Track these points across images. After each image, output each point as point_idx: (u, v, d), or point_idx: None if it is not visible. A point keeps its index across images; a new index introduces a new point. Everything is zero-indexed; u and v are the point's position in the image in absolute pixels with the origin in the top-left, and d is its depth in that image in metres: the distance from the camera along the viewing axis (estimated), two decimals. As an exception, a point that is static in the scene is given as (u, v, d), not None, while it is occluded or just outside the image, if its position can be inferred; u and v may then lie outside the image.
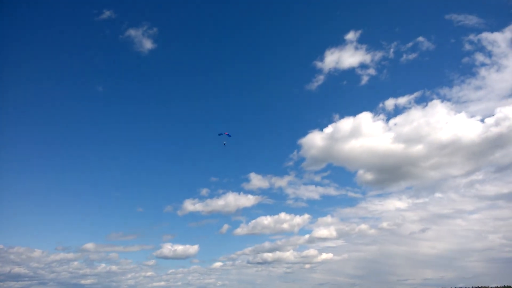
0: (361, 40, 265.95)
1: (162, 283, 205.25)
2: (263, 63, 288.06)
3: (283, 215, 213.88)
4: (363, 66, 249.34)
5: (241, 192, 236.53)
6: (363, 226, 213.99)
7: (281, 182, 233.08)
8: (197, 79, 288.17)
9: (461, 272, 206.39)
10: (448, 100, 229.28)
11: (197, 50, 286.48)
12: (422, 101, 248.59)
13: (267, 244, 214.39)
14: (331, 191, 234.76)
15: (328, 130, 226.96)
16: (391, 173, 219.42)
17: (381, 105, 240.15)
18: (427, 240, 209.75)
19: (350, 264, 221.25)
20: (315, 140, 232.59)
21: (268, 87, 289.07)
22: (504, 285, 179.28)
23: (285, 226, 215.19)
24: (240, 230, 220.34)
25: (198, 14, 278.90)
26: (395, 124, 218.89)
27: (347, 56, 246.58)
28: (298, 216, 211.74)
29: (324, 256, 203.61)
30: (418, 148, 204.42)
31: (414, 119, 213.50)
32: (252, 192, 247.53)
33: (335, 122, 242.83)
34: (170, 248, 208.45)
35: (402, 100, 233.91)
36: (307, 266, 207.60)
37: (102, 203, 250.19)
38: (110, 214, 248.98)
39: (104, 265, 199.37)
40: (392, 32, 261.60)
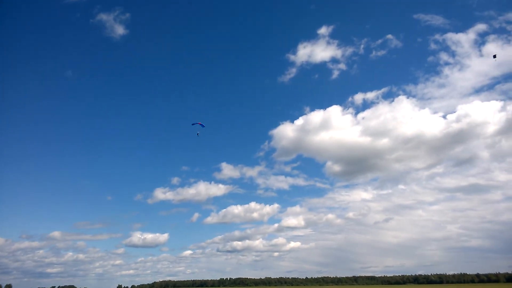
0: (333, 35, 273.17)
1: (131, 271, 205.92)
2: (236, 54, 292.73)
3: (253, 205, 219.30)
4: (334, 60, 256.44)
5: (212, 182, 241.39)
6: (330, 216, 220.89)
7: (252, 172, 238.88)
8: (169, 68, 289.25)
9: (421, 260, 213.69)
10: (413, 96, 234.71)
11: (169, 39, 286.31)
12: (389, 96, 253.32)
13: (237, 233, 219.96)
14: (300, 181, 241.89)
15: (299, 122, 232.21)
16: (358, 165, 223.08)
17: (350, 99, 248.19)
18: (390, 229, 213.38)
19: (317, 252, 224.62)
20: (286, 131, 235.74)
21: (241, 79, 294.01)
22: (460, 272, 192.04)
23: (255, 215, 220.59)
24: (211, 219, 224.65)
25: (172, 3, 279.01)
26: (363, 118, 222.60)
27: (319, 51, 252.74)
28: (268, 205, 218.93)
29: (292, 244, 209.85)
30: (384, 141, 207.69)
31: (381, 114, 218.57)
32: (223, 181, 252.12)
33: (305, 114, 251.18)
34: (139, 236, 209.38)
35: (371, 95, 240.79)
36: (276, 254, 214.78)
37: (70, 190, 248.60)
38: (78, 202, 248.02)
39: (71, 253, 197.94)
40: (363, 28, 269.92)
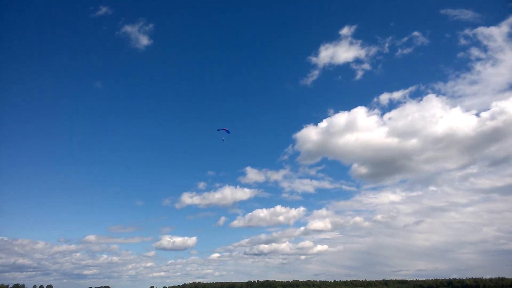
0: (355, 35, 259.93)
1: (162, 274, 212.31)
2: (258, 59, 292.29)
3: (278, 208, 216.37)
4: (357, 61, 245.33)
5: (237, 186, 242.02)
6: (358, 219, 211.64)
7: (276, 176, 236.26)
8: (193, 75, 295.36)
9: (455, 264, 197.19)
10: (443, 94, 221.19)
11: (193, 47, 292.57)
12: (417, 95, 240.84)
13: (263, 236, 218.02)
14: (326, 184, 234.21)
15: (323, 124, 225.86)
16: (386, 166, 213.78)
17: (375, 99, 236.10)
18: (421, 232, 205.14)
19: (344, 256, 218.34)
20: (310, 134, 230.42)
21: (263, 83, 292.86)
22: (498, 276, 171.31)
23: (280, 218, 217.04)
24: (237, 223, 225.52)
25: (194, 11, 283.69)
26: (390, 118, 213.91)
27: (342, 51, 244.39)
28: (293, 209, 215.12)
29: (319, 247, 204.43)
30: (413, 142, 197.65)
31: (409, 114, 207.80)
32: (248, 185, 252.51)
33: (329, 116, 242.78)
34: (169, 239, 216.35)
35: (397, 95, 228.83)
36: (303, 257, 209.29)
37: (103, 196, 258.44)
38: (110, 207, 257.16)
39: (105, 256, 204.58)
40: (387, 27, 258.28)
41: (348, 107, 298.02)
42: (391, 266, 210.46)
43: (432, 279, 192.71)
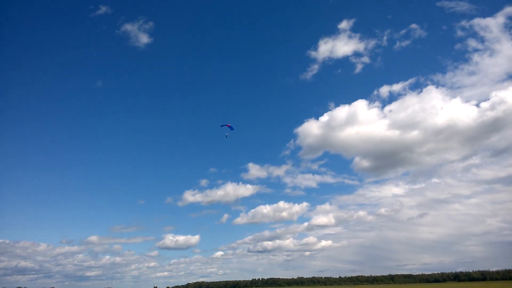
0: (354, 29, 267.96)
1: (165, 273, 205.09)
2: (258, 54, 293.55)
3: (281, 204, 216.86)
4: (357, 54, 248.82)
5: (240, 182, 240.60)
6: (361, 213, 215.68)
7: (279, 172, 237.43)
8: (193, 72, 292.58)
9: (460, 256, 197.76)
10: (442, 86, 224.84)
11: (193, 44, 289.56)
12: (417, 87, 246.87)
13: (266, 233, 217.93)
14: (328, 179, 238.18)
15: (324, 118, 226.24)
16: (388, 159, 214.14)
17: (375, 92, 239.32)
18: (425, 225, 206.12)
19: (349, 251, 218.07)
20: (311, 128, 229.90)
21: (263, 78, 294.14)
22: (505, 268, 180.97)
23: (284, 214, 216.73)
24: (240, 220, 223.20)
25: (194, 8, 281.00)
26: (390, 111, 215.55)
27: (341, 45, 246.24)
28: (296, 204, 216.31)
29: (324, 243, 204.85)
30: (414, 134, 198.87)
31: (409, 106, 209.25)
32: (250, 182, 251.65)
33: (330, 110, 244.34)
34: (171, 238, 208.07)
35: (397, 87, 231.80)
36: (307, 253, 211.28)
37: (104, 196, 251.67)
38: (112, 207, 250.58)
39: (108, 257, 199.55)
40: (385, 19, 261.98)
41: (349, 101, 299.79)
42: (396, 260, 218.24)
43: (438, 273, 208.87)
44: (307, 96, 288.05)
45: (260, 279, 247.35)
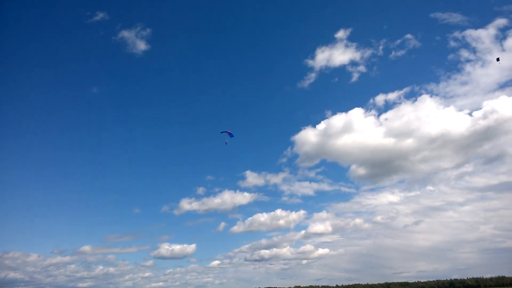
0: (351, 38, 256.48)
1: (160, 284, 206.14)
2: (255, 62, 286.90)
3: (279, 212, 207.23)
4: (353, 63, 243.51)
5: (237, 190, 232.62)
6: (358, 221, 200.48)
7: (276, 179, 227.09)
8: (190, 80, 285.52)
9: (454, 264, 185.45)
10: (436, 95, 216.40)
11: (190, 51, 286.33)
12: (411, 96, 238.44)
13: (263, 241, 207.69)
14: (325, 186, 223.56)
15: (321, 126, 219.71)
16: (383, 167, 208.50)
17: (371, 101, 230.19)
18: (421, 232, 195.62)
19: (346, 259, 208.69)
20: (308, 136, 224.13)
21: (260, 86, 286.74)
22: (498, 275, 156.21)
23: (281, 222, 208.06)
24: (237, 228, 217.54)
25: (191, 15, 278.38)
26: (386, 119, 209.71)
27: (338, 54, 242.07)
28: (293, 212, 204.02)
29: (321, 251, 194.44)
30: (409, 142, 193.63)
31: (404, 114, 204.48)
32: (247, 189, 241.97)
33: (327, 118, 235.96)
34: (167, 248, 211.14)
35: (392, 96, 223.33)
36: (304, 262, 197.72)
37: (98, 205, 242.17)
38: (106, 216, 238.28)
39: (101, 267, 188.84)
40: (381, 29, 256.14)
41: (345, 109, 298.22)
42: (392, 268, 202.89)
43: (433, 280, 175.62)
44: (304, 104, 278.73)
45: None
